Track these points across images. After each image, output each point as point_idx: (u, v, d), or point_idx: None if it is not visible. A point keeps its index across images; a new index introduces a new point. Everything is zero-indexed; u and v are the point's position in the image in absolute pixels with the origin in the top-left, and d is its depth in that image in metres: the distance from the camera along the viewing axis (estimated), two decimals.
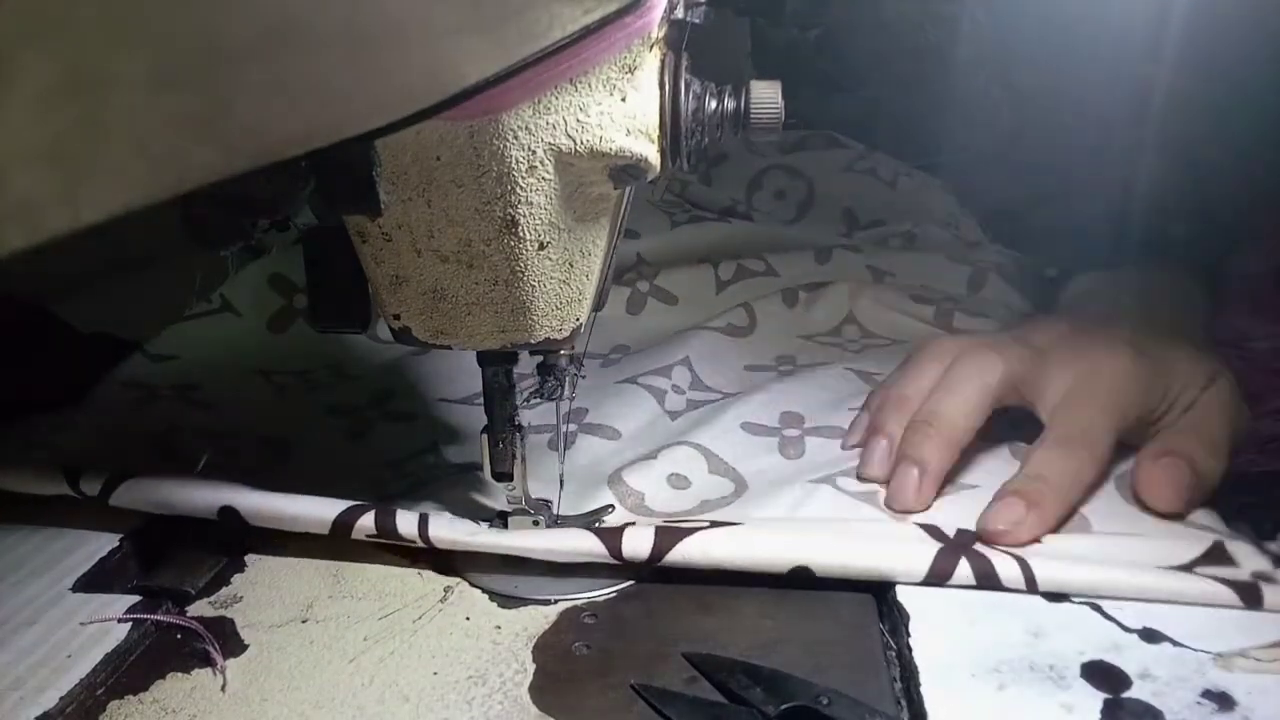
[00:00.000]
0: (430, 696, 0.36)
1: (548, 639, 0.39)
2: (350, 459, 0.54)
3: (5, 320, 0.63)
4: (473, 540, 0.42)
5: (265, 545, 0.46)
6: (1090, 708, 0.34)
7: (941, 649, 0.37)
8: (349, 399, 0.61)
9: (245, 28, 0.14)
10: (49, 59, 0.11)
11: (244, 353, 0.65)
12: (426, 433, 0.56)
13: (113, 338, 0.65)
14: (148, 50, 0.13)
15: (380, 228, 0.36)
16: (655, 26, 0.33)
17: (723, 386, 0.61)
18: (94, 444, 0.51)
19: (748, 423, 0.55)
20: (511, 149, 0.33)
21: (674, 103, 0.35)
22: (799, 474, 0.50)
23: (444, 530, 0.42)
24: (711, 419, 0.55)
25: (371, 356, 0.66)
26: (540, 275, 0.37)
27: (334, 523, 0.42)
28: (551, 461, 0.49)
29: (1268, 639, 0.37)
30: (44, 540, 0.46)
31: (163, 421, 0.55)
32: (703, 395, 0.60)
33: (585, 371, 0.58)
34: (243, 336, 0.67)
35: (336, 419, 0.59)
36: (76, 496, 0.45)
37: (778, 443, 0.53)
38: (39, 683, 0.37)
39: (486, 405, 0.43)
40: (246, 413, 0.58)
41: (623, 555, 0.41)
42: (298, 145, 0.18)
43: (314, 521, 0.43)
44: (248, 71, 0.15)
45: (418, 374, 0.63)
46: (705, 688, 0.36)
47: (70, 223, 0.12)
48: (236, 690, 0.37)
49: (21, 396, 0.55)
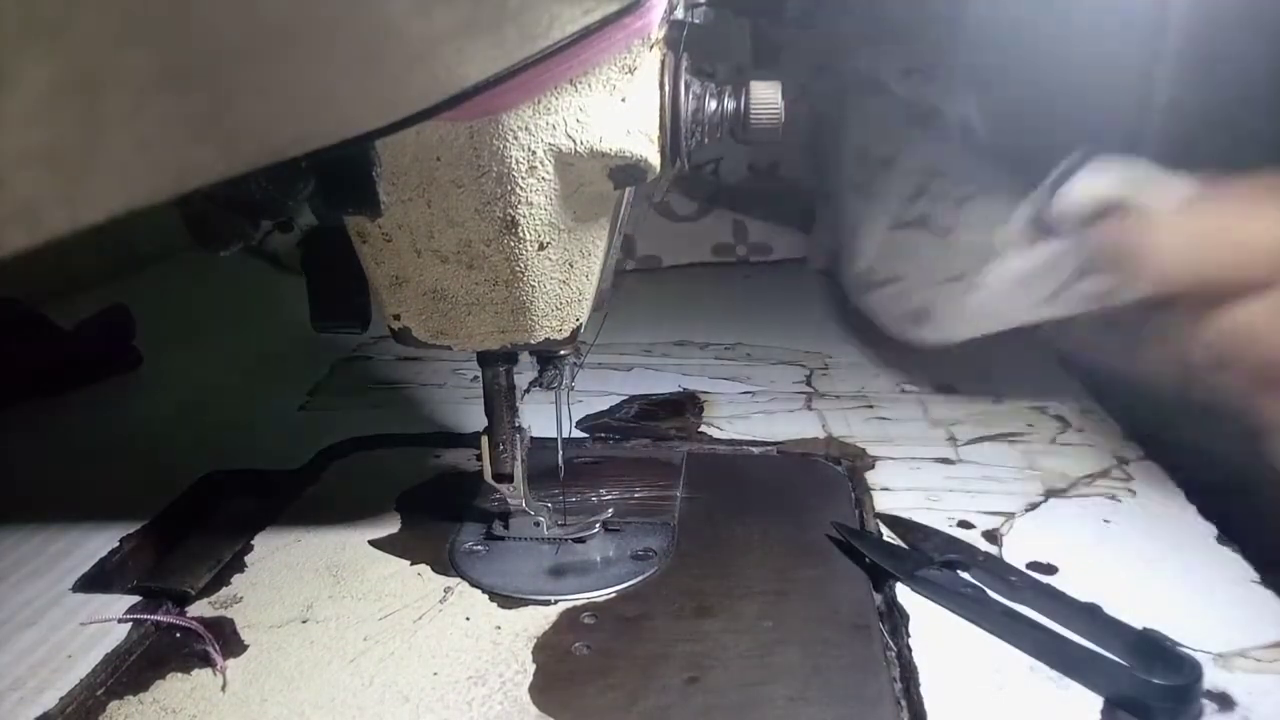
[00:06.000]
0: (430, 697, 0.36)
1: (548, 639, 0.39)
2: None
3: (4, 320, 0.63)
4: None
5: (266, 545, 0.46)
6: (1090, 708, 0.34)
7: (941, 649, 0.37)
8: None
9: (245, 28, 0.14)
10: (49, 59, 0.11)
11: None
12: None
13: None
14: (148, 50, 0.13)
15: (380, 228, 0.36)
16: (655, 27, 0.33)
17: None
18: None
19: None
20: (511, 149, 0.33)
21: (674, 103, 0.35)
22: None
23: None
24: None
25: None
26: (540, 275, 0.37)
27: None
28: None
29: (1268, 639, 0.37)
30: (44, 540, 0.46)
31: None
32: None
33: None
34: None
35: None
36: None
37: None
38: (39, 683, 0.37)
39: (487, 406, 0.43)
40: None
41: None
42: (298, 145, 0.18)
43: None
44: (248, 72, 0.15)
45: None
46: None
47: (70, 223, 0.12)
48: (236, 690, 0.37)
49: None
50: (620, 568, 0.44)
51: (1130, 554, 0.44)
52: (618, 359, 0.71)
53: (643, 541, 0.46)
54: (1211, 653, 0.37)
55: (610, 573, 0.43)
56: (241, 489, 0.52)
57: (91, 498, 0.50)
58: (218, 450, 0.56)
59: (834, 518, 0.47)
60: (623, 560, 0.44)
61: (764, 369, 0.69)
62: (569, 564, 0.44)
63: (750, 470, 0.54)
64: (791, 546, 0.45)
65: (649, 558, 0.45)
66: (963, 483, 0.51)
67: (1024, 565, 0.43)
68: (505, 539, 0.46)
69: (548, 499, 0.47)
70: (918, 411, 0.60)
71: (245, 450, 0.56)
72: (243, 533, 0.47)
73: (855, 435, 0.57)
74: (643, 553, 0.45)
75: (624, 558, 0.45)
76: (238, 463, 0.54)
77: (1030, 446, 0.55)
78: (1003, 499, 0.49)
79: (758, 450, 0.56)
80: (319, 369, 0.70)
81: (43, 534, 0.46)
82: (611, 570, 0.44)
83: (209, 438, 0.58)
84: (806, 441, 0.56)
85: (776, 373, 0.68)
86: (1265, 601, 0.40)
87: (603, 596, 0.42)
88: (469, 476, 0.53)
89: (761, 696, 0.36)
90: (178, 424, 0.61)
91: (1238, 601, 0.40)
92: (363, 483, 0.53)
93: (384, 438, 0.58)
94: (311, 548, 0.46)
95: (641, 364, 0.70)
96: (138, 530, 0.47)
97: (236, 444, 0.57)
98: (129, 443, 0.58)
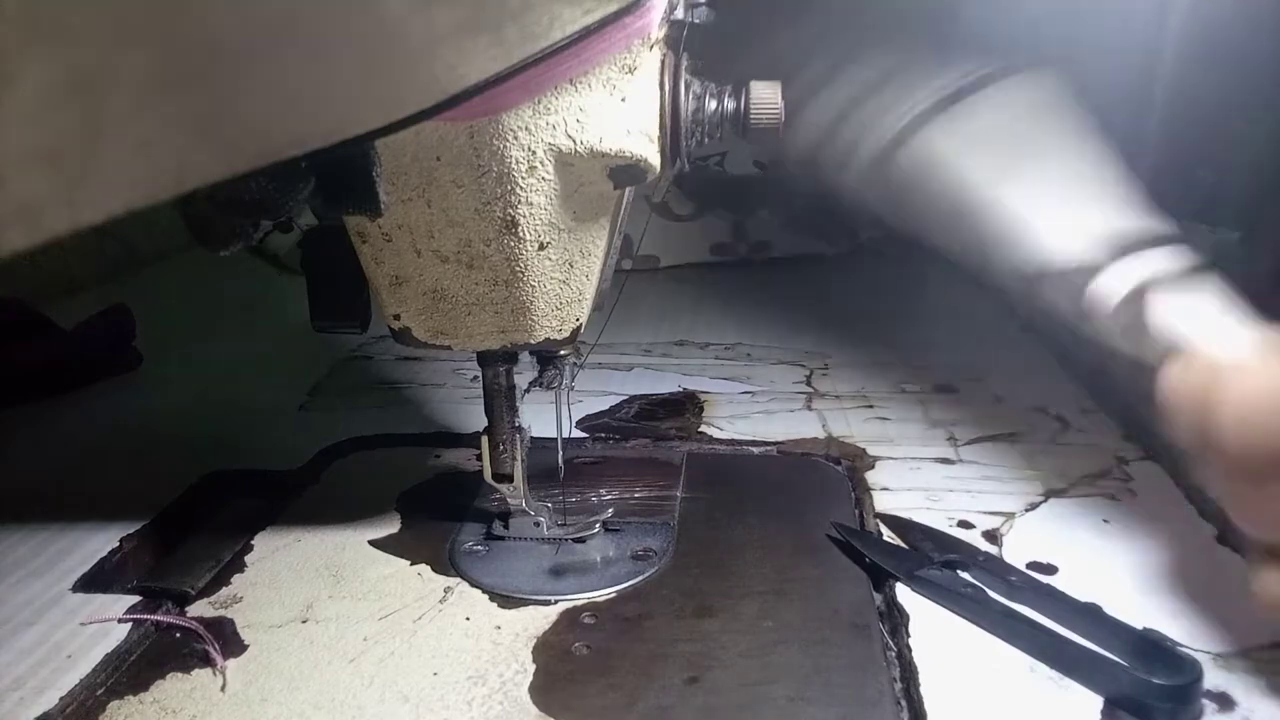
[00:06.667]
0: (430, 697, 0.36)
1: (548, 639, 0.39)
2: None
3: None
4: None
5: (266, 545, 0.46)
6: (1090, 708, 0.34)
7: (941, 649, 0.37)
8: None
9: (245, 28, 0.14)
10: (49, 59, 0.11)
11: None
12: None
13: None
14: (148, 51, 0.13)
15: (380, 228, 0.36)
16: (655, 27, 0.33)
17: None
18: None
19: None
20: (511, 149, 0.33)
21: (674, 103, 0.35)
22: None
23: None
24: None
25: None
26: (540, 275, 0.37)
27: None
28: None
29: (1268, 639, 0.37)
30: (44, 540, 0.46)
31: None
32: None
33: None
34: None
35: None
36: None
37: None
38: (39, 683, 0.37)
39: (487, 406, 0.43)
40: None
41: None
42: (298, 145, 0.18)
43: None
44: (248, 72, 0.15)
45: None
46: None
47: (70, 223, 0.12)
48: (236, 690, 0.37)
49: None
50: (620, 568, 0.44)
51: (1130, 554, 0.44)
52: (618, 359, 0.71)
53: (643, 541, 0.46)
54: (1211, 653, 0.37)
55: (610, 573, 0.43)
56: (241, 489, 0.52)
57: (91, 498, 0.50)
58: (218, 450, 0.56)
59: (834, 518, 0.47)
60: (623, 560, 0.44)
61: (764, 369, 0.69)
62: (569, 564, 0.44)
63: (750, 470, 0.54)
64: (791, 546, 0.45)
65: (649, 558, 0.45)
66: (963, 483, 0.51)
67: (1024, 565, 0.43)
68: (505, 539, 0.46)
69: (548, 499, 0.47)
70: (918, 411, 0.60)
71: (245, 450, 0.56)
72: (243, 533, 0.47)
73: (855, 435, 0.57)
74: (643, 553, 0.45)
75: (624, 558, 0.45)
76: (238, 463, 0.55)
77: (1030, 446, 0.55)
78: (1003, 499, 0.49)
79: (758, 450, 0.56)
80: (319, 369, 0.70)
81: (43, 534, 0.46)
82: (611, 570, 0.44)
83: (209, 438, 0.58)
84: (806, 441, 0.56)
85: (776, 373, 0.68)
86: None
87: (603, 596, 0.42)
88: (469, 476, 0.53)
89: (761, 696, 0.36)
90: (178, 424, 0.61)
91: (1238, 601, 0.40)
92: (363, 483, 0.53)
93: (384, 438, 0.58)
94: (311, 548, 0.46)
95: (641, 364, 0.70)
96: (138, 530, 0.47)
97: (236, 444, 0.57)
98: (129, 443, 0.58)
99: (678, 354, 0.73)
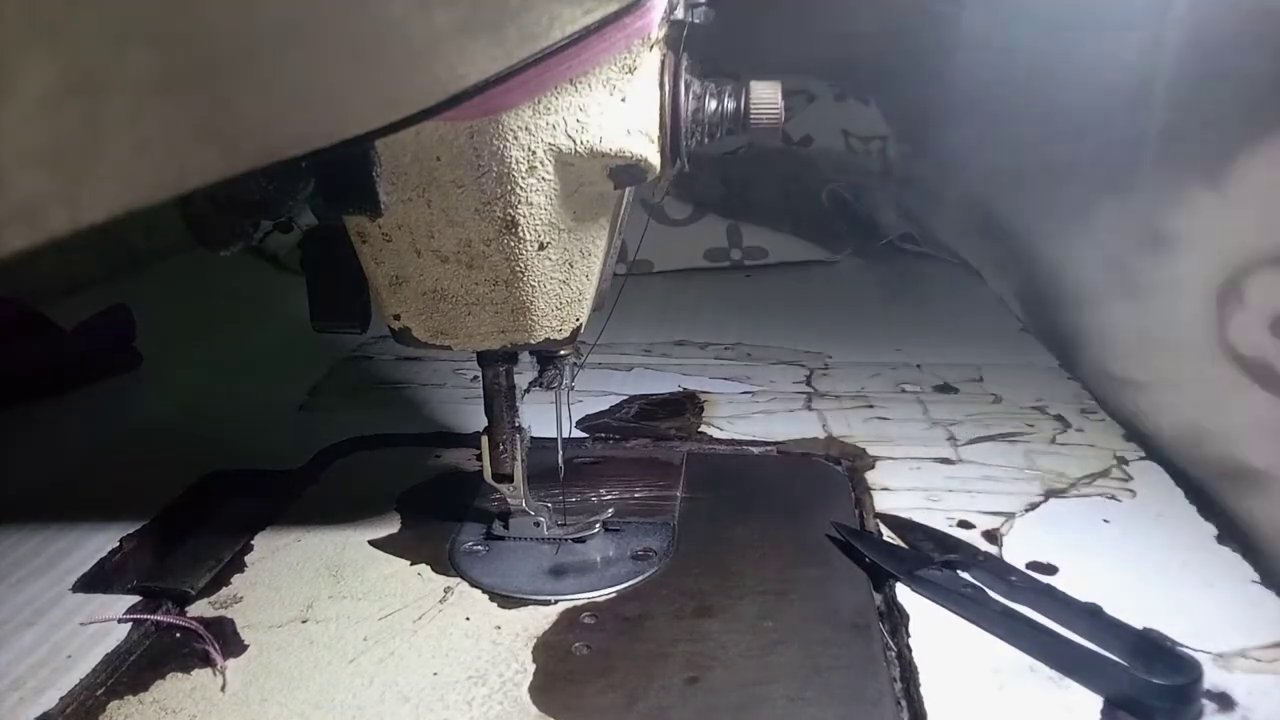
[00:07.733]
0: (430, 697, 0.36)
1: (548, 639, 0.39)
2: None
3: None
4: None
5: (266, 545, 0.46)
6: (1090, 708, 0.34)
7: (941, 649, 0.37)
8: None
9: (245, 28, 0.14)
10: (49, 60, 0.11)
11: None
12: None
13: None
14: (148, 51, 0.13)
15: (380, 228, 0.36)
16: (655, 27, 0.33)
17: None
18: None
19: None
20: (511, 149, 0.33)
21: (674, 103, 0.35)
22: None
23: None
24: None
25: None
26: (540, 275, 0.37)
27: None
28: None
29: (1268, 639, 0.37)
30: (44, 540, 0.46)
31: None
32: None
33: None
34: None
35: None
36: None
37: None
38: (39, 683, 0.37)
39: (487, 406, 0.43)
40: None
41: None
42: (298, 145, 0.18)
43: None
44: (248, 72, 0.15)
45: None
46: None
47: (70, 223, 0.12)
48: (236, 690, 0.37)
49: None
50: (620, 568, 0.44)
51: (1130, 554, 0.44)
52: (618, 359, 0.71)
53: (643, 541, 0.46)
54: (1211, 653, 0.37)
55: (610, 573, 0.43)
56: (241, 489, 0.52)
57: (91, 498, 0.50)
58: (218, 450, 0.56)
59: (834, 518, 0.47)
60: (623, 560, 0.44)
61: (764, 369, 0.69)
62: (569, 564, 0.44)
63: (750, 470, 0.54)
64: (791, 546, 0.45)
65: (649, 558, 0.45)
66: (963, 483, 0.51)
67: (1024, 565, 0.43)
68: (505, 539, 0.46)
69: (548, 499, 0.47)
70: (918, 411, 0.60)
71: (245, 450, 0.56)
72: (243, 533, 0.47)
73: (855, 435, 0.57)
74: (643, 553, 0.45)
75: (624, 558, 0.45)
76: (238, 462, 0.55)
77: (1030, 446, 0.55)
78: (1003, 499, 0.49)
79: (758, 450, 0.56)
80: (319, 369, 0.70)
81: (43, 534, 0.46)
82: (611, 570, 0.44)
83: (209, 438, 0.58)
84: (806, 441, 0.56)
85: (776, 373, 0.68)
86: (1265, 601, 0.40)
87: (603, 596, 0.42)
88: (469, 476, 0.53)
89: (761, 696, 0.36)
90: (178, 424, 0.61)
91: (1238, 601, 0.40)
92: (363, 483, 0.53)
93: (384, 438, 0.58)
94: (311, 548, 0.46)
95: (641, 364, 0.70)
96: (138, 530, 0.47)
97: (236, 444, 0.57)
98: (129, 443, 0.58)
99: (678, 354, 0.73)
